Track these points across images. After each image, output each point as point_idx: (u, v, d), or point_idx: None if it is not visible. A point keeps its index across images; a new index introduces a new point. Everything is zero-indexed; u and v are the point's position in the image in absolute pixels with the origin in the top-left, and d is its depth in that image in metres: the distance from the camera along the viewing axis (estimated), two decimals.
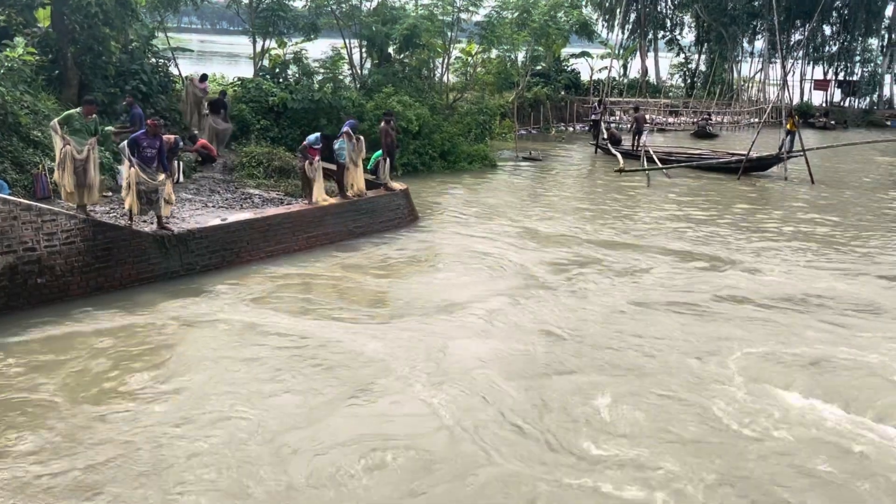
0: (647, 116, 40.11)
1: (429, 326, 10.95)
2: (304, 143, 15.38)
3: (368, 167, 17.00)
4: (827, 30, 53.82)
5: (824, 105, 50.96)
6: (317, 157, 15.18)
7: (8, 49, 13.78)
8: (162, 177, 12.20)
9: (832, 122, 45.30)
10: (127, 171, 11.99)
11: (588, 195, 22.49)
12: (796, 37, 52.94)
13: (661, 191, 23.03)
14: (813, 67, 55.02)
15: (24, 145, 13.67)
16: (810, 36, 51.16)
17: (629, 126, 31.19)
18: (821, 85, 53.57)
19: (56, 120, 11.81)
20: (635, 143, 29.30)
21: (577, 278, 13.59)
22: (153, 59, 19.72)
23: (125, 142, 12.35)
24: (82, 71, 17.32)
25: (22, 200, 10.78)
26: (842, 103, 52.51)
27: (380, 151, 17.22)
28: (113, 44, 17.89)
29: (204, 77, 20.42)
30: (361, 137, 16.17)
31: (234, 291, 11.99)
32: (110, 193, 14.13)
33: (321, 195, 15.22)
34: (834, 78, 53.90)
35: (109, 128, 14.78)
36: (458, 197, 20.55)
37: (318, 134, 15.58)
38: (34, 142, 13.83)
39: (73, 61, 17.07)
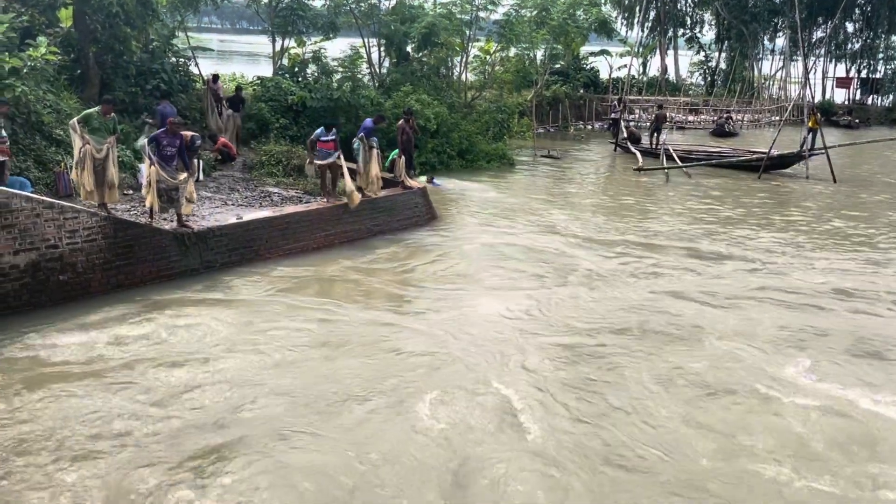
0: (668, 115, 40.00)
1: (457, 322, 10.96)
2: (311, 137, 15.19)
3: (385, 165, 16.99)
4: (849, 27, 53.31)
5: (847, 103, 50.42)
6: (336, 154, 15.04)
7: (31, 49, 13.92)
8: (183, 175, 12.29)
9: (857, 121, 44.74)
10: (147, 170, 12.09)
11: (608, 194, 22.38)
12: (818, 34, 52.45)
13: (681, 189, 22.89)
14: (835, 65, 54.53)
15: (47, 144, 13.83)
16: (832, 33, 50.63)
17: (649, 124, 31.14)
18: (843, 83, 53.05)
19: (75, 119, 11.92)
20: (653, 141, 29.19)
21: (601, 275, 13.55)
22: (173, 59, 19.87)
23: (145, 140, 12.44)
24: (104, 70, 17.49)
25: (45, 198, 10.88)
26: (864, 101, 51.96)
27: (397, 150, 17.21)
28: (134, 43, 18.05)
29: (216, 77, 20.58)
30: (374, 145, 15.90)
31: (256, 286, 12.09)
32: (131, 191, 14.26)
33: (353, 192, 15.06)
34: (856, 75, 53.33)
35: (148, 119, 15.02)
36: (477, 196, 20.53)
37: (321, 128, 15.16)
38: (56, 140, 13.98)
39: (94, 61, 17.24)
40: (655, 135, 29.40)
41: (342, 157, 15.13)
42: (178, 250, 12.24)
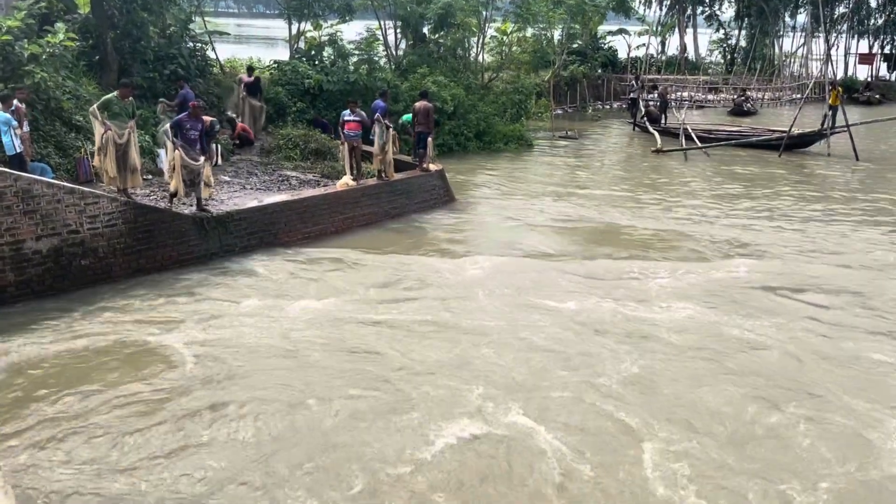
0: (687, 94, 39.79)
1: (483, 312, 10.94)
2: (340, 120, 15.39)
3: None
4: (872, 1, 52.40)
5: (870, 79, 49.62)
6: (359, 134, 15.04)
7: (49, 35, 14.01)
8: (202, 159, 12.32)
9: (876, 97, 43.93)
10: (171, 154, 12.13)
11: (626, 175, 22.24)
12: (840, 9, 51.62)
13: (700, 169, 22.70)
14: (858, 41, 53.64)
15: (67, 130, 13.94)
16: (855, 8, 49.82)
17: (656, 104, 31.14)
18: (866, 59, 52.14)
19: (95, 105, 11.92)
20: (664, 119, 29.86)
21: (620, 258, 13.54)
22: (191, 44, 19.91)
23: (167, 125, 12.48)
24: (122, 56, 17.55)
25: (66, 184, 10.99)
26: (888, 77, 51.14)
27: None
28: (151, 28, 18.10)
29: (251, 70, 20.47)
30: (391, 126, 15.74)
31: (280, 268, 12.23)
32: (150, 176, 14.34)
33: (344, 181, 15.12)
34: (880, 51, 52.50)
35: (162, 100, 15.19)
36: (494, 177, 20.46)
37: (347, 109, 15.30)
38: (76, 126, 14.09)
39: (112, 46, 17.29)
40: (664, 111, 30.06)
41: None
42: (198, 234, 12.32)
